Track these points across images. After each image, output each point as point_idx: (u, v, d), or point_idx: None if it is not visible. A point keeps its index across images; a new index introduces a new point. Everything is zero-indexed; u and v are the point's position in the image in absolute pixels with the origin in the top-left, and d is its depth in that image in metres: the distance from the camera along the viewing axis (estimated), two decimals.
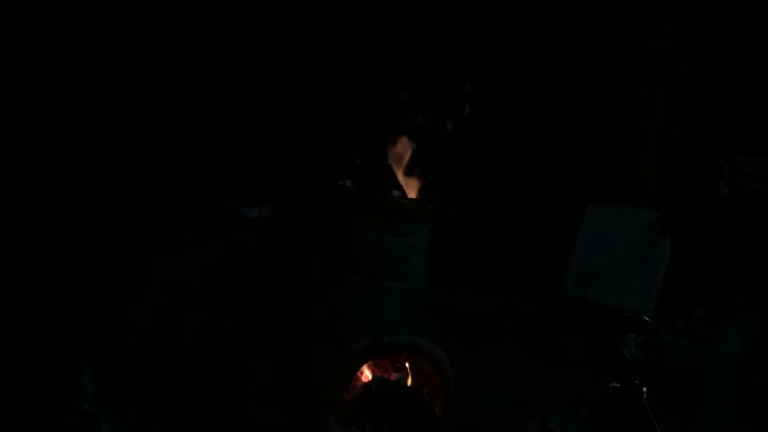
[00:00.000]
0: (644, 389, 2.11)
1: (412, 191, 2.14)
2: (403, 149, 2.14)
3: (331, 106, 5.74)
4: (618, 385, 2.15)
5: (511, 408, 2.89)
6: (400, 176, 2.14)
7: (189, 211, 5.57)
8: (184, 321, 3.47)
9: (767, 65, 4.23)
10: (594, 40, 4.89)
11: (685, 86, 4.55)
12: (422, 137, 2.14)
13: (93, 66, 7.56)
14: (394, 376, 2.16)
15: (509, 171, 5.13)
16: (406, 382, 2.16)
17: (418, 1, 5.70)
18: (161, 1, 7.53)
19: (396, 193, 2.10)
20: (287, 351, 2.16)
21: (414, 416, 2.10)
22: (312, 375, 2.03)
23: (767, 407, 2.01)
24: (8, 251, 4.15)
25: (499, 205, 5.14)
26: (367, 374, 2.14)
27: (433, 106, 2.16)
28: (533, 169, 5.07)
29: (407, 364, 2.17)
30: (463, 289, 4.41)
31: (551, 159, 5.03)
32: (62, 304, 3.50)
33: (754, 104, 4.25)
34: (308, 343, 2.09)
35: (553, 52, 5.05)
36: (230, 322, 3.50)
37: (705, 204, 4.07)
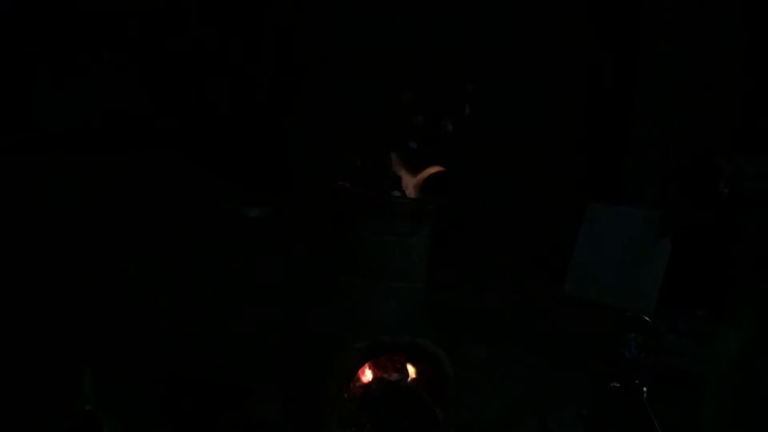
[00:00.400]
0: (644, 389, 2.11)
1: (412, 191, 2.14)
2: (403, 150, 2.13)
3: (332, 107, 5.73)
4: (618, 385, 2.15)
5: (511, 408, 2.89)
6: (400, 176, 2.13)
7: (189, 211, 5.57)
8: (184, 321, 3.47)
9: (767, 65, 4.22)
10: (594, 40, 4.89)
11: (685, 86, 4.55)
12: (422, 137, 2.13)
13: (93, 66, 7.56)
14: (394, 376, 2.16)
15: (509, 170, 5.13)
16: (406, 382, 2.16)
17: (418, 1, 5.70)
18: (161, 1, 7.54)
19: (396, 193, 2.10)
20: (287, 351, 2.16)
21: (414, 416, 2.10)
22: (312, 375, 2.03)
23: (767, 407, 2.01)
24: (8, 251, 4.15)
25: (499, 204, 5.14)
26: (367, 374, 2.14)
27: (433, 106, 2.16)
28: (534, 169, 5.07)
29: (407, 364, 2.17)
30: (463, 289, 4.42)
31: (551, 159, 5.03)
32: (62, 304, 3.50)
33: (754, 104, 4.25)
34: (308, 343, 2.09)
35: (554, 52, 5.05)
36: (230, 322, 3.50)
37: (705, 204, 4.07)
